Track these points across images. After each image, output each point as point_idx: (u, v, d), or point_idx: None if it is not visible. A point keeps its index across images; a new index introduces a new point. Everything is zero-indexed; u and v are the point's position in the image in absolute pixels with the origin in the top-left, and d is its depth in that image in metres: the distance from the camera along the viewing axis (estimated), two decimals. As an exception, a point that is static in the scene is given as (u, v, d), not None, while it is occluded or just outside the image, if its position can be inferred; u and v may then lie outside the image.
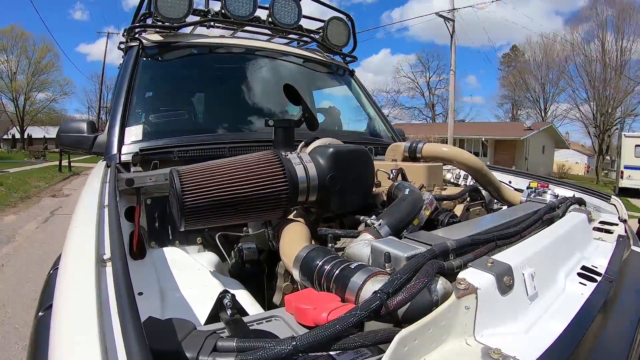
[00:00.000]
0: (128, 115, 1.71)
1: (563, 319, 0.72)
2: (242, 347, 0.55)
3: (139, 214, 1.30)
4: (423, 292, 0.65)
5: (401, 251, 0.78)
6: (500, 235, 0.92)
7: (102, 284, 0.58)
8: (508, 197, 1.72)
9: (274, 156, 1.08)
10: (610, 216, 1.52)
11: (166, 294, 0.99)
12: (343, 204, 1.17)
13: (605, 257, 1.09)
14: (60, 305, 0.56)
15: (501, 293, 0.68)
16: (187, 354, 0.55)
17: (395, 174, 1.45)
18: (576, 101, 26.01)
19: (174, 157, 1.59)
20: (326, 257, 0.84)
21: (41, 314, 1.09)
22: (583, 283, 0.90)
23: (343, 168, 1.15)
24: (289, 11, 2.32)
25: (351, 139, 1.89)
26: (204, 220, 1.00)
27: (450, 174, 2.12)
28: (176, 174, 0.99)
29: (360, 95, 2.62)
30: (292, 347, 0.51)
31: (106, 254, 0.67)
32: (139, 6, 2.12)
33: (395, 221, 1.07)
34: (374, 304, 0.59)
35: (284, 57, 2.41)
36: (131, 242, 1.27)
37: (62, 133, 1.86)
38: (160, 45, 2.05)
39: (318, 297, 0.75)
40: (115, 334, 0.47)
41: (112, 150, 1.59)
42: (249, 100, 2.17)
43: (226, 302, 0.68)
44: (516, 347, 0.61)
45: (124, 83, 1.83)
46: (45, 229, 6.14)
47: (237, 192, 1.00)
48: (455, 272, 0.72)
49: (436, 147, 1.72)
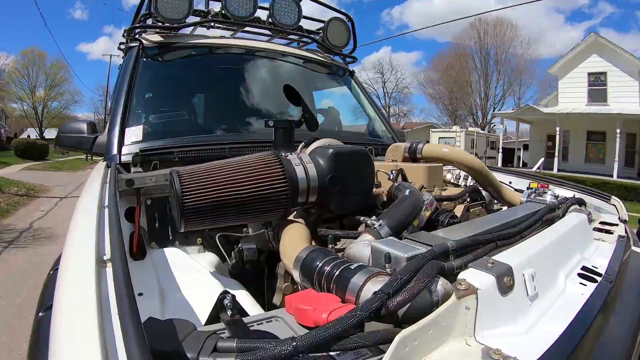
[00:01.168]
0: (128, 116, 1.71)
1: (563, 319, 0.72)
2: (243, 348, 0.55)
3: (139, 214, 1.30)
4: (423, 292, 0.65)
5: (401, 252, 0.78)
6: (500, 236, 0.92)
7: (102, 285, 0.57)
8: (508, 197, 1.72)
9: (274, 157, 1.08)
10: (610, 217, 1.52)
11: (166, 295, 0.98)
12: (343, 205, 1.17)
13: (606, 257, 1.09)
14: (60, 305, 0.55)
15: (501, 293, 0.68)
16: (188, 354, 0.55)
17: (395, 175, 1.45)
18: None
19: (174, 158, 1.59)
20: (326, 258, 0.84)
21: (41, 314, 1.09)
22: (583, 283, 0.90)
23: (343, 169, 1.15)
24: (289, 12, 2.32)
25: (351, 140, 1.89)
26: (204, 221, 1.00)
27: (451, 174, 2.12)
28: (176, 175, 0.99)
29: (360, 96, 2.62)
30: (293, 348, 0.51)
31: (106, 255, 0.67)
32: (139, 7, 2.13)
33: (395, 222, 1.07)
34: (374, 304, 0.59)
35: (284, 57, 2.41)
36: (131, 243, 1.27)
37: (62, 134, 1.86)
38: (161, 45, 2.05)
39: (318, 298, 0.75)
40: (116, 335, 0.47)
41: (112, 151, 1.59)
42: (249, 101, 2.17)
43: (226, 302, 0.68)
44: (516, 347, 0.60)
45: (124, 84, 1.83)
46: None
47: (237, 193, 1.00)
48: (456, 272, 0.72)
49: (436, 147, 1.72)
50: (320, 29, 2.51)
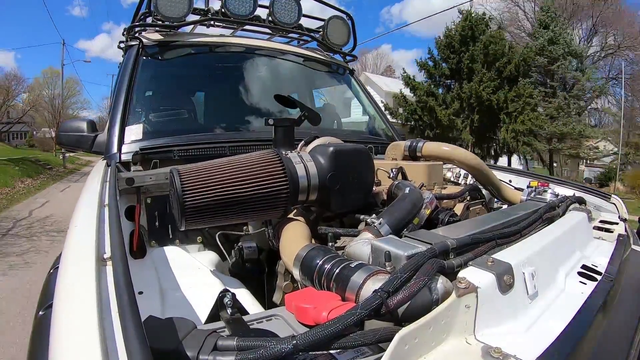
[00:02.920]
0: (128, 115, 1.71)
1: (563, 317, 0.72)
2: (243, 346, 0.55)
3: (139, 213, 1.30)
4: (423, 291, 0.65)
5: (401, 250, 0.78)
6: (500, 234, 0.92)
7: (102, 283, 0.57)
8: (508, 196, 1.72)
9: (274, 155, 1.08)
10: (610, 215, 1.52)
11: (166, 293, 0.98)
12: (343, 203, 1.17)
13: (606, 256, 1.09)
14: (60, 304, 0.55)
15: (501, 292, 0.68)
16: (188, 353, 0.55)
17: (395, 173, 1.45)
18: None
19: (174, 156, 1.59)
20: (326, 256, 0.84)
21: (41, 313, 1.09)
22: (583, 282, 0.90)
23: (343, 167, 1.15)
24: (289, 10, 2.31)
25: (351, 138, 1.89)
26: (204, 220, 1.00)
27: (451, 172, 2.12)
28: (176, 174, 0.99)
29: (360, 94, 2.62)
30: (293, 346, 0.51)
31: (106, 253, 0.67)
32: (139, 5, 2.12)
33: (395, 220, 1.07)
34: (374, 302, 0.59)
35: (283, 56, 2.41)
36: (131, 241, 1.27)
37: (62, 132, 1.86)
38: (160, 44, 2.04)
39: (318, 296, 0.75)
40: (116, 334, 0.47)
41: (112, 150, 1.59)
42: (249, 99, 2.16)
43: (226, 301, 0.69)
44: (516, 346, 0.60)
45: (123, 82, 1.82)
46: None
47: (238, 191, 1.00)
48: (456, 271, 0.72)
49: (436, 146, 1.72)
50: (320, 28, 2.51)
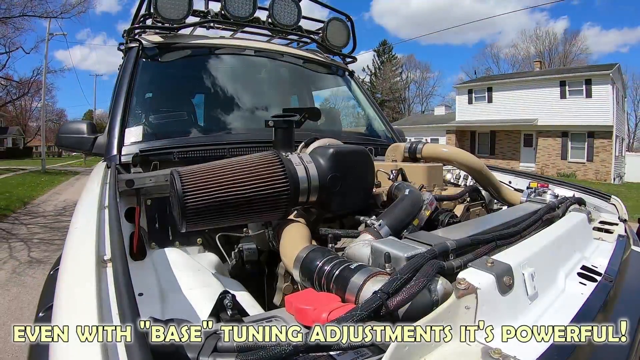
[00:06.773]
0: (128, 116, 1.71)
1: (563, 318, 0.72)
2: (243, 347, 0.55)
3: (139, 214, 1.30)
4: (423, 292, 0.65)
5: (401, 251, 0.78)
6: (500, 236, 0.92)
7: (102, 285, 0.58)
8: (508, 197, 1.72)
9: (274, 157, 1.08)
10: (610, 216, 1.52)
11: (166, 295, 0.98)
12: (343, 205, 1.17)
13: (605, 257, 1.09)
14: (60, 305, 0.56)
15: (501, 293, 0.68)
16: (188, 354, 0.55)
17: (395, 175, 1.45)
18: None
19: (174, 158, 1.58)
20: (326, 258, 0.84)
21: (41, 314, 1.10)
22: (583, 283, 0.90)
23: (343, 168, 1.15)
24: (288, 12, 2.32)
25: (351, 140, 1.89)
26: (205, 221, 1.00)
27: (450, 174, 2.12)
28: (177, 175, 0.99)
29: (360, 96, 2.62)
30: (292, 347, 0.51)
31: (106, 255, 0.67)
32: (139, 7, 2.13)
33: (395, 221, 1.07)
34: (374, 304, 0.59)
35: (283, 57, 2.41)
36: (131, 243, 1.27)
37: (62, 134, 1.85)
38: (160, 46, 2.05)
39: (318, 298, 0.75)
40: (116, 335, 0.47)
41: (112, 151, 1.59)
42: (249, 101, 2.17)
43: (226, 302, 0.69)
44: (516, 346, 0.60)
45: (123, 84, 1.82)
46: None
47: (238, 193, 1.00)
48: (455, 272, 0.72)
49: (436, 147, 1.72)
50: (320, 29, 2.51)
